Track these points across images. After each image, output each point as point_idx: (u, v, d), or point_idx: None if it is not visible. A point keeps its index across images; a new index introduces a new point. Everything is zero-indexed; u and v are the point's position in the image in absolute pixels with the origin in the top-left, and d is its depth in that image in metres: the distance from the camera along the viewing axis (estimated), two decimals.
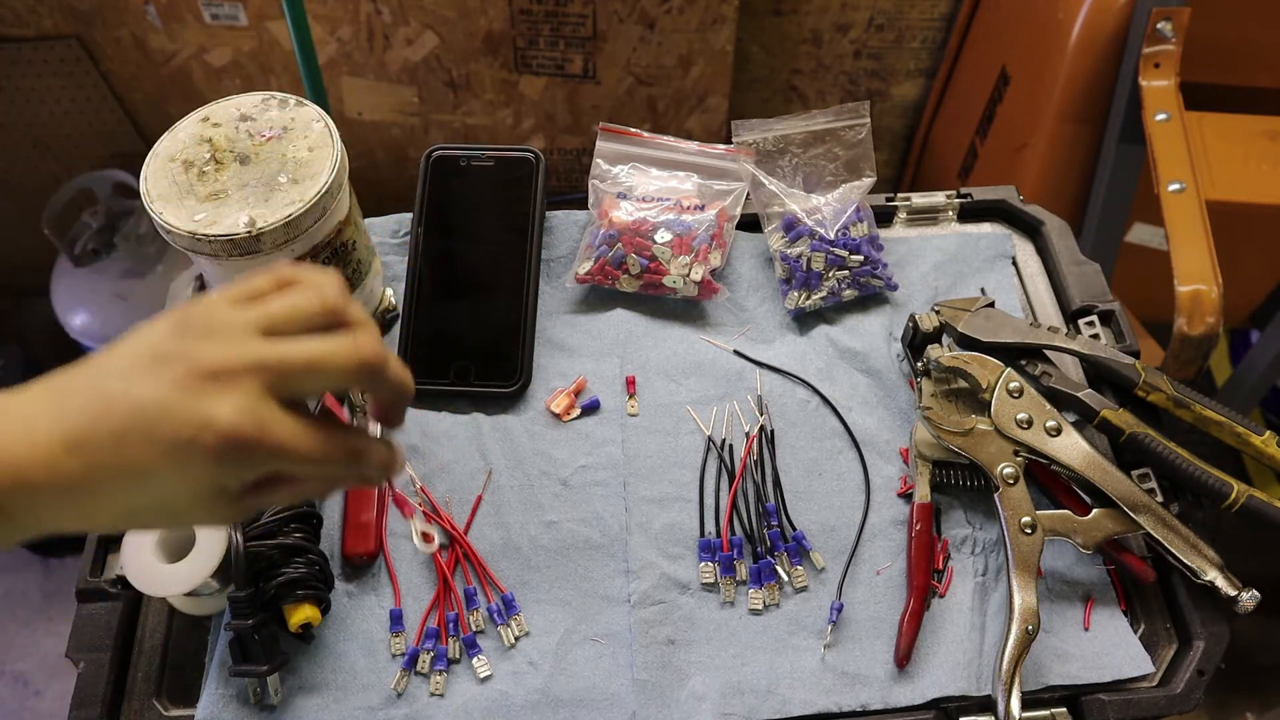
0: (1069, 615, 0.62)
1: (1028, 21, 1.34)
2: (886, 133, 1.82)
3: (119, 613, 0.60)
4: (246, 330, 0.39)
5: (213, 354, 0.38)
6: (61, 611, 1.58)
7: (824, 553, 0.64)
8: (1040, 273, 0.78)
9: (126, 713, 0.58)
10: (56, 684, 1.52)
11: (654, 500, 0.65)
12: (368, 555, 0.62)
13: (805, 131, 0.77)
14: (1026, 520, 0.60)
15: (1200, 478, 0.62)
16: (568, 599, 0.62)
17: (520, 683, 0.59)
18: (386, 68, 1.56)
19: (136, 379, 0.37)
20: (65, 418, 0.37)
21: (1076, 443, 0.62)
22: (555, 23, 1.48)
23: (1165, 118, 1.07)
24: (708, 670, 0.59)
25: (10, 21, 1.49)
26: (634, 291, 0.74)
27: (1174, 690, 0.59)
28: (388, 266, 0.76)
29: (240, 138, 0.63)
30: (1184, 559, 0.60)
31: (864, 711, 0.59)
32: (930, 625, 0.61)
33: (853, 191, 0.75)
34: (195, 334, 0.38)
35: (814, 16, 1.60)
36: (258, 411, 0.37)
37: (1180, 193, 1.00)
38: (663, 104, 1.62)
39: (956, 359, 0.65)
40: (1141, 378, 0.66)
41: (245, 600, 0.56)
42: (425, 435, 0.68)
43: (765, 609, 0.62)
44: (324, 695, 0.58)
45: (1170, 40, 1.09)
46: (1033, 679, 0.59)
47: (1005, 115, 1.42)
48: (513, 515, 0.65)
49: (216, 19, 1.50)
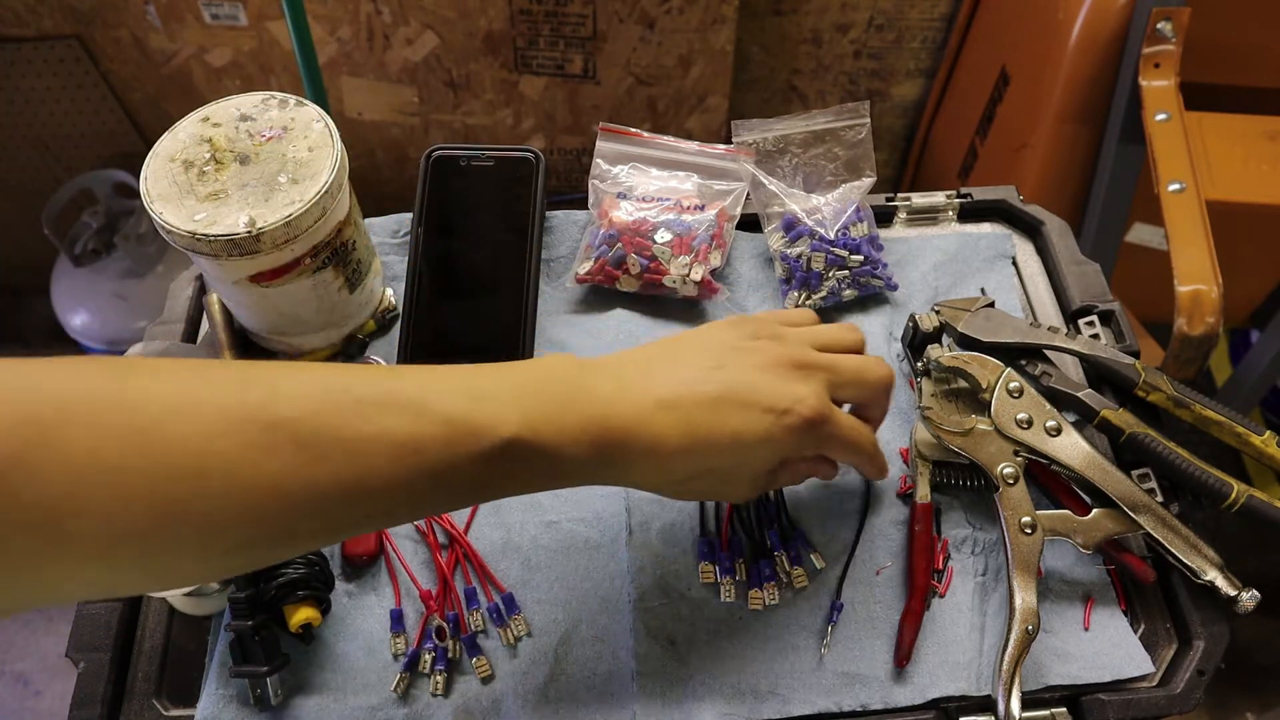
0: (1069, 615, 0.62)
1: (1028, 21, 1.34)
2: (886, 133, 1.82)
3: (119, 613, 0.60)
4: (804, 341, 0.50)
5: (790, 352, 0.48)
6: (61, 611, 1.58)
7: (824, 553, 0.64)
8: (1040, 273, 0.78)
9: (126, 713, 0.58)
10: (56, 684, 1.52)
11: (654, 500, 0.65)
12: (368, 555, 0.62)
13: (805, 131, 0.77)
14: (1026, 520, 0.60)
15: (1200, 478, 0.62)
16: (568, 599, 0.62)
17: (520, 683, 0.59)
18: (386, 68, 1.56)
19: (725, 360, 0.47)
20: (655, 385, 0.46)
21: (1076, 443, 0.62)
22: (555, 23, 1.48)
23: (1165, 118, 1.07)
24: (708, 670, 0.59)
25: (10, 21, 1.49)
26: (634, 291, 0.74)
27: (1174, 690, 0.59)
28: (388, 266, 0.76)
29: (240, 138, 0.63)
30: (1184, 559, 0.60)
31: (864, 711, 0.59)
32: (930, 625, 0.61)
33: (853, 191, 0.75)
34: (767, 336, 0.49)
35: (814, 16, 1.60)
36: (827, 399, 0.48)
37: (1180, 193, 1.00)
38: (663, 104, 1.62)
39: (956, 359, 0.65)
40: (1141, 378, 0.66)
41: (245, 601, 0.56)
42: None
43: (765, 609, 0.62)
44: (324, 696, 0.58)
45: (1170, 40, 1.09)
46: (1033, 679, 0.59)
47: (1005, 115, 1.42)
48: (513, 515, 0.65)
49: (216, 19, 1.50)
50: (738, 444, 0.46)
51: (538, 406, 0.43)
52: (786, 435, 0.47)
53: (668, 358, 0.48)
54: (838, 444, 0.51)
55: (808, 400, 0.47)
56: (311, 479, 0.37)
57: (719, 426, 0.46)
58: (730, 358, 0.48)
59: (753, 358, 0.48)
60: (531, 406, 0.43)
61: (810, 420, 0.47)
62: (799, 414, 0.46)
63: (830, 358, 0.49)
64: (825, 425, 0.48)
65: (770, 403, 0.46)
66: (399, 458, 0.39)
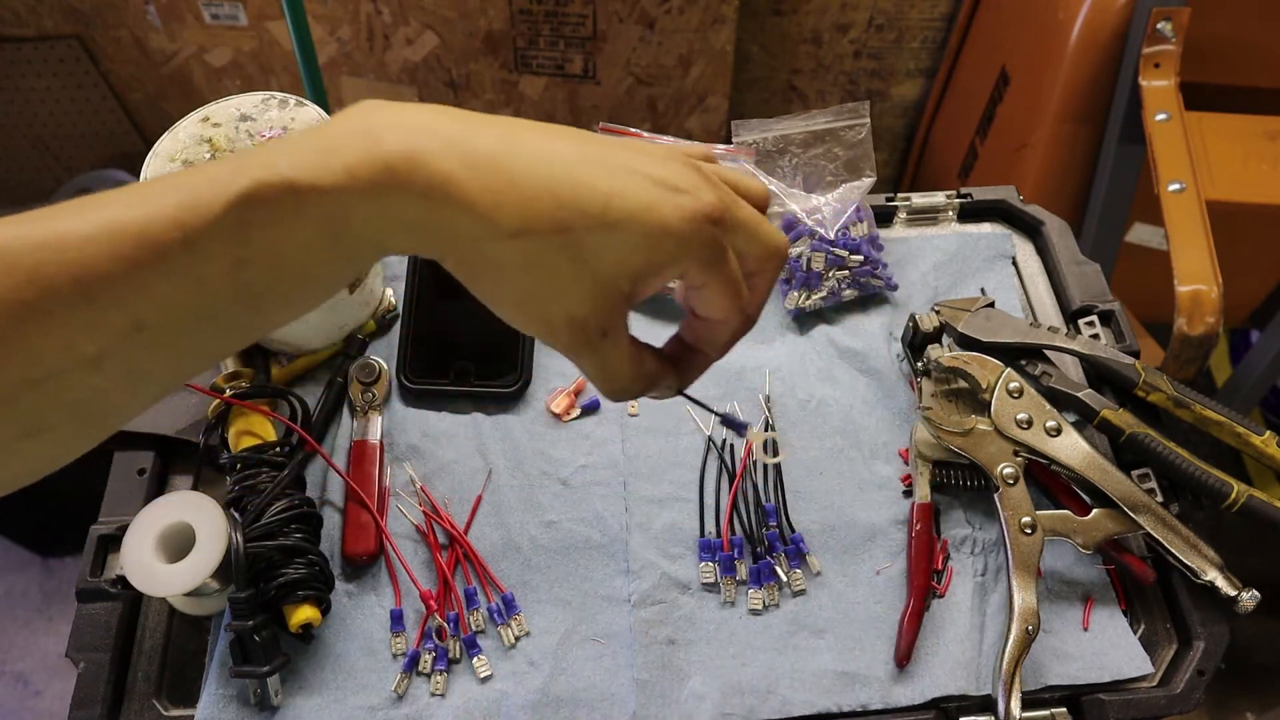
0: (1069, 615, 0.62)
1: (1028, 21, 1.34)
2: (886, 133, 1.82)
3: (119, 613, 0.60)
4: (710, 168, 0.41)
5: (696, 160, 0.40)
6: (61, 611, 1.58)
7: (824, 552, 0.64)
8: (1040, 273, 0.78)
9: (126, 713, 0.58)
10: (56, 684, 1.52)
11: (654, 500, 0.65)
12: (368, 555, 0.62)
13: (805, 131, 0.77)
14: (1026, 520, 0.60)
15: (1200, 478, 0.62)
16: (568, 599, 0.62)
17: (520, 683, 0.59)
18: (386, 68, 1.56)
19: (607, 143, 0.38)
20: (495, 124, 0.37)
21: (1076, 443, 0.62)
22: (555, 23, 1.48)
23: (1165, 118, 1.07)
24: (708, 670, 0.59)
25: (10, 21, 1.49)
26: None
27: (1174, 690, 0.59)
28: (387, 266, 0.76)
29: (240, 138, 0.63)
30: (1184, 559, 0.60)
31: (864, 711, 0.59)
32: (930, 625, 0.61)
33: (853, 191, 0.75)
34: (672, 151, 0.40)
35: (814, 16, 1.60)
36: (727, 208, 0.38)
37: (1180, 193, 1.00)
38: (663, 104, 1.62)
39: (956, 359, 0.65)
40: (1141, 378, 0.66)
41: (245, 601, 0.56)
42: (425, 435, 0.68)
43: (765, 609, 0.62)
44: (324, 695, 0.58)
45: (1170, 40, 1.09)
46: (1033, 679, 0.59)
47: (1005, 115, 1.42)
48: (513, 515, 0.65)
49: (216, 19, 1.50)
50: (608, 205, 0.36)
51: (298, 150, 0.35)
52: (674, 216, 0.36)
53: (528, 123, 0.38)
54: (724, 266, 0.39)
55: (707, 191, 0.37)
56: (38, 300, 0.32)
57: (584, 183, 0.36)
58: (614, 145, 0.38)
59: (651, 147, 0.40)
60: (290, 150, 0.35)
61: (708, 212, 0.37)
62: (698, 197, 0.37)
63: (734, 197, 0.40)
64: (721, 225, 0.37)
65: (665, 176, 0.37)
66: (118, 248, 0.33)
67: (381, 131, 0.35)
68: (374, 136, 0.35)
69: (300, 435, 0.64)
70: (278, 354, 0.69)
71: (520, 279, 0.37)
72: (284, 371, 0.68)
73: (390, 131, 0.35)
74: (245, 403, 0.64)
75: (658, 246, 0.37)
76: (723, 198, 0.38)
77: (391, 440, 0.67)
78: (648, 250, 0.37)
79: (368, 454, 0.65)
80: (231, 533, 0.56)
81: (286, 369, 0.69)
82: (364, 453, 0.65)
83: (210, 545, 0.55)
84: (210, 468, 0.65)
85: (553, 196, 0.36)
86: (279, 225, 0.34)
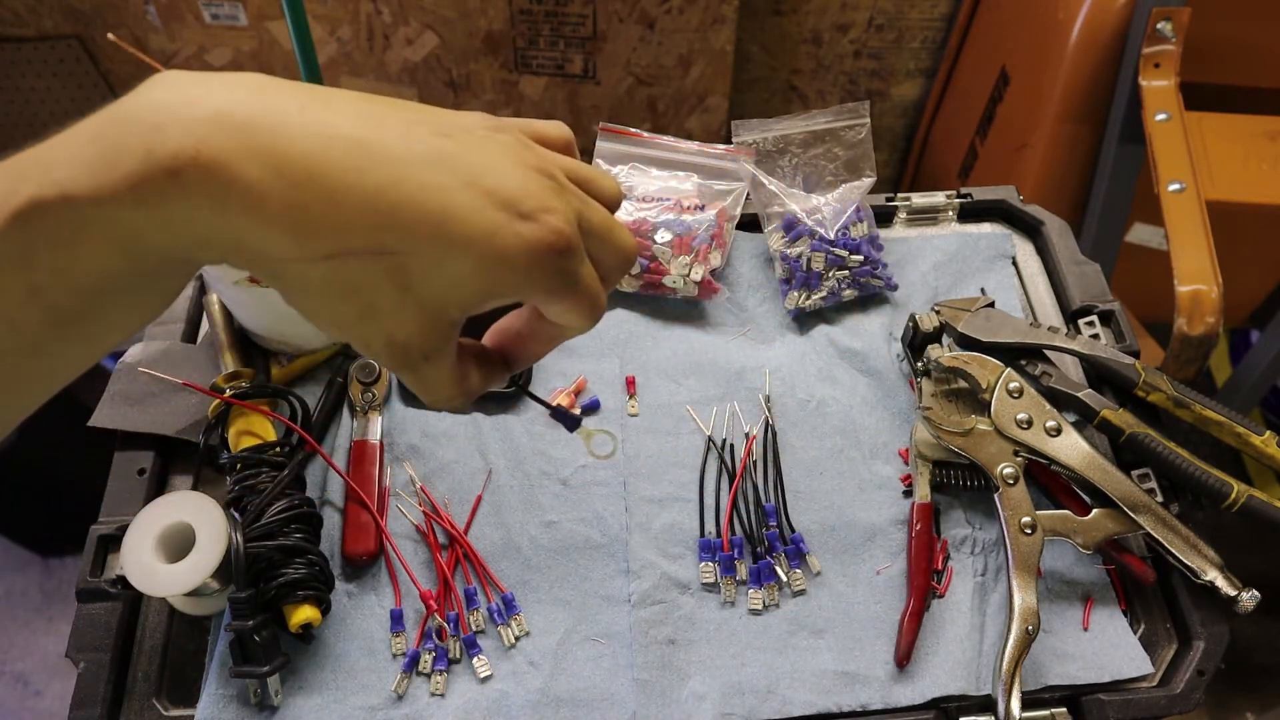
0: (1069, 615, 0.62)
1: (1028, 21, 1.34)
2: (886, 133, 1.82)
3: (119, 613, 0.60)
4: (558, 168, 0.35)
5: (540, 161, 0.34)
6: (61, 611, 1.58)
7: (824, 552, 0.64)
8: (1040, 273, 0.78)
9: (126, 713, 0.58)
10: (56, 684, 1.52)
11: (654, 500, 0.65)
12: (368, 555, 0.62)
13: (805, 131, 0.77)
14: (1026, 520, 0.60)
15: (1200, 478, 0.62)
16: (568, 599, 0.62)
17: (520, 683, 0.59)
18: (386, 68, 1.56)
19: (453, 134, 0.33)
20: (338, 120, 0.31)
21: (1076, 443, 0.62)
22: (555, 23, 1.48)
23: (1165, 118, 1.07)
24: (708, 670, 0.59)
25: (10, 21, 1.49)
26: (634, 291, 0.74)
27: (1174, 690, 0.59)
28: None
29: None
30: (1184, 559, 0.60)
31: (864, 711, 0.59)
32: (930, 625, 0.61)
33: (853, 191, 0.75)
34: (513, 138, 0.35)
35: (814, 16, 1.60)
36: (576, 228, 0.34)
37: (1180, 193, 1.00)
38: (663, 104, 1.61)
39: (956, 359, 0.65)
40: (1141, 378, 0.66)
41: (245, 601, 0.56)
42: (425, 435, 0.68)
43: (765, 609, 0.62)
44: (324, 695, 0.58)
45: (1170, 40, 1.09)
46: (1033, 679, 0.59)
47: (1005, 115, 1.42)
48: (513, 515, 0.65)
49: (216, 19, 1.50)
50: (439, 229, 0.31)
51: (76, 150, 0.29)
52: (517, 248, 0.31)
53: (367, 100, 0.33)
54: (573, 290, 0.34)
55: (557, 215, 0.32)
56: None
57: (414, 200, 0.30)
58: (462, 136, 0.33)
59: (492, 145, 0.33)
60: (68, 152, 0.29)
61: (553, 240, 0.32)
62: (546, 224, 0.32)
63: (583, 195, 0.36)
64: (568, 253, 0.33)
65: (509, 194, 0.32)
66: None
67: (168, 124, 0.29)
68: (160, 130, 0.29)
69: (300, 435, 0.64)
70: (278, 354, 0.69)
71: (334, 302, 0.32)
72: (284, 371, 0.68)
73: (177, 124, 0.29)
74: (245, 403, 0.64)
75: (495, 278, 0.32)
76: (571, 221, 0.33)
77: (391, 440, 0.67)
78: (483, 280, 0.32)
79: (368, 454, 0.65)
80: (231, 533, 0.56)
81: (286, 369, 0.69)
82: (364, 453, 0.65)
83: (210, 545, 0.55)
84: (210, 468, 0.65)
85: (374, 214, 0.30)
86: (62, 246, 0.30)
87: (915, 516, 0.63)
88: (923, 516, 0.63)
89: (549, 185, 0.33)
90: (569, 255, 0.33)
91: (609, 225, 0.36)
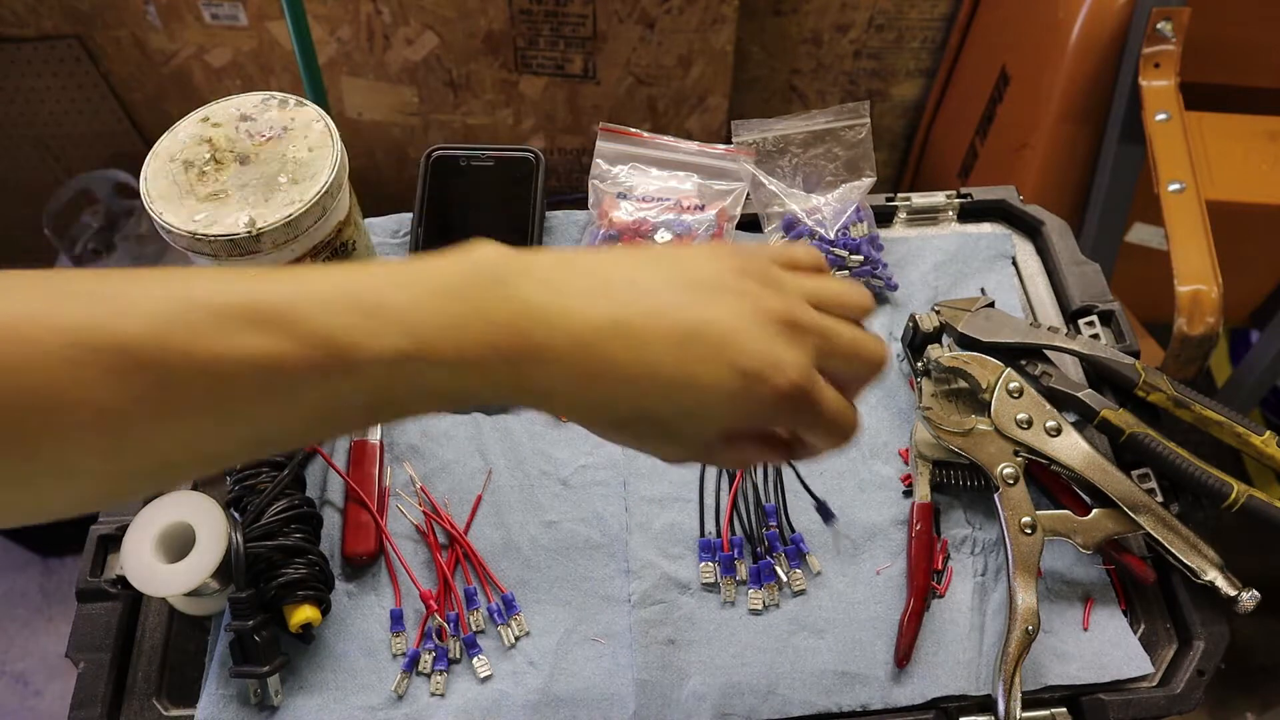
0: (1069, 615, 0.62)
1: (1028, 21, 1.34)
2: (886, 133, 1.82)
3: (119, 613, 0.60)
4: (801, 295, 0.41)
5: (782, 304, 0.39)
6: (61, 611, 1.58)
7: (824, 552, 0.64)
8: (1040, 273, 0.78)
9: (126, 713, 0.58)
10: (56, 684, 1.52)
11: (654, 500, 0.65)
12: (368, 555, 0.62)
13: (805, 131, 0.77)
14: (1026, 520, 0.60)
15: (1200, 478, 0.62)
16: (568, 599, 0.62)
17: (520, 683, 0.59)
18: (386, 68, 1.56)
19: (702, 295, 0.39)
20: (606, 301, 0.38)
21: (1076, 443, 0.62)
22: (555, 23, 1.48)
23: (1165, 118, 1.07)
24: (708, 670, 0.59)
25: (10, 21, 1.49)
26: None
27: (1174, 690, 0.59)
28: None
29: (240, 138, 0.63)
30: (1184, 559, 0.60)
31: (864, 711, 0.59)
32: (930, 625, 0.61)
33: (853, 191, 0.75)
34: (757, 279, 0.40)
35: (814, 16, 1.60)
36: (813, 370, 0.39)
37: (1180, 193, 1.00)
38: (663, 104, 1.61)
39: (956, 359, 0.65)
40: (1141, 378, 0.66)
41: (245, 601, 0.56)
42: (425, 435, 0.68)
43: (765, 609, 0.62)
44: (324, 696, 0.58)
45: (1170, 40, 1.09)
46: (1033, 679, 0.59)
47: (1005, 115, 1.42)
48: (513, 515, 0.65)
49: (216, 19, 1.50)
50: (695, 398, 0.38)
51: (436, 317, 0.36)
52: (754, 404, 0.38)
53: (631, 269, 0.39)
54: (814, 424, 0.41)
55: (789, 369, 0.38)
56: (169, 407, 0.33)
57: (679, 370, 0.37)
58: (709, 294, 0.39)
59: (736, 302, 0.39)
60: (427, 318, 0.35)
61: (787, 394, 0.38)
62: (775, 384, 0.38)
63: (827, 322, 0.41)
64: (804, 401, 0.39)
65: (746, 362, 0.38)
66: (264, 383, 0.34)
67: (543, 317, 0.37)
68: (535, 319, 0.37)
69: None
70: None
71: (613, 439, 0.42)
72: None
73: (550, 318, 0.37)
74: None
75: (743, 423, 0.40)
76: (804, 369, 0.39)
77: (391, 440, 0.67)
78: (735, 422, 0.40)
79: (368, 454, 0.65)
80: (231, 533, 0.56)
81: None
82: (364, 452, 0.65)
83: (210, 545, 0.55)
84: None
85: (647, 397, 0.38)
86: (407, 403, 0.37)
87: (915, 516, 0.63)
88: (923, 516, 0.63)
89: (785, 338, 0.39)
90: (801, 400, 0.39)
91: (854, 345, 0.41)
